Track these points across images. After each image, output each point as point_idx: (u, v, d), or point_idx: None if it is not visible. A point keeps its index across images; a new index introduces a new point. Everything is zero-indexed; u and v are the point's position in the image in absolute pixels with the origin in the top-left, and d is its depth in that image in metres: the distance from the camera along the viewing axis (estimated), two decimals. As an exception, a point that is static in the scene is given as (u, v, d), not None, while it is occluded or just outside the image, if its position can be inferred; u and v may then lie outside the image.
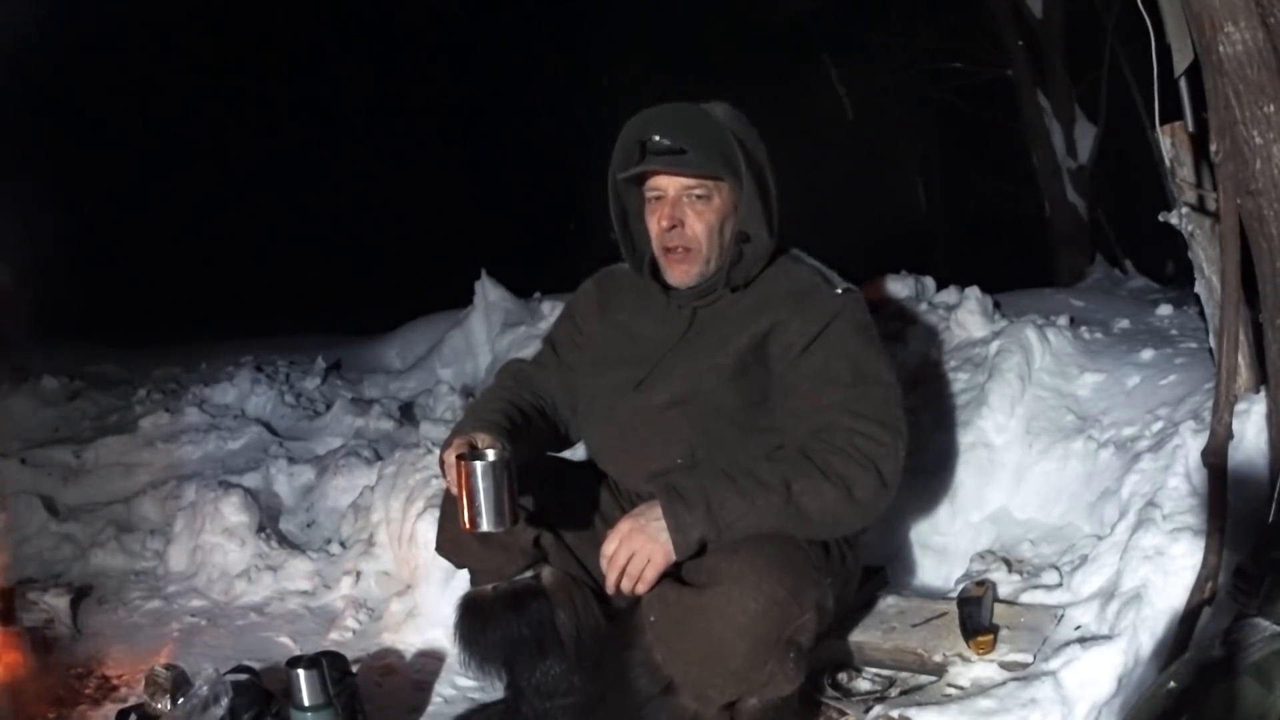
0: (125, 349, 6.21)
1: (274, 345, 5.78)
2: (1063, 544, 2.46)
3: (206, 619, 2.96)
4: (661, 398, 1.91)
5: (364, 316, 6.46)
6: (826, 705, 2.06)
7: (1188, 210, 2.24)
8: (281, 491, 3.68)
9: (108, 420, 4.59)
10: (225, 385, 4.61)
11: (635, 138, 1.88)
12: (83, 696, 2.49)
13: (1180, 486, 2.10)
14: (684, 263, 1.89)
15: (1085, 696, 1.85)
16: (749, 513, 1.66)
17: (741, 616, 1.59)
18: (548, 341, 2.17)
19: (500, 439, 1.78)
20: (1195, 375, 2.52)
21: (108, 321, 7.06)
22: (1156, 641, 1.90)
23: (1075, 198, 6.65)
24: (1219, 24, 1.89)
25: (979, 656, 2.04)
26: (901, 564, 2.64)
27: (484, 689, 2.31)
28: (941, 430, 2.77)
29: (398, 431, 4.04)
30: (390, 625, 2.71)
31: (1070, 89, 6.66)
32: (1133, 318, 3.23)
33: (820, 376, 1.83)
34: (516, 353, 3.79)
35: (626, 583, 1.64)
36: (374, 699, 2.34)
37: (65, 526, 3.60)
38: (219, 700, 2.01)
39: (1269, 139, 1.89)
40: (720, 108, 1.91)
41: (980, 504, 2.67)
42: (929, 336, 3.16)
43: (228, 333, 6.54)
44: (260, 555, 3.20)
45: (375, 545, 3.04)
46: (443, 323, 5.06)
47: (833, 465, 1.72)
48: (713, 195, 1.87)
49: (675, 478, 1.72)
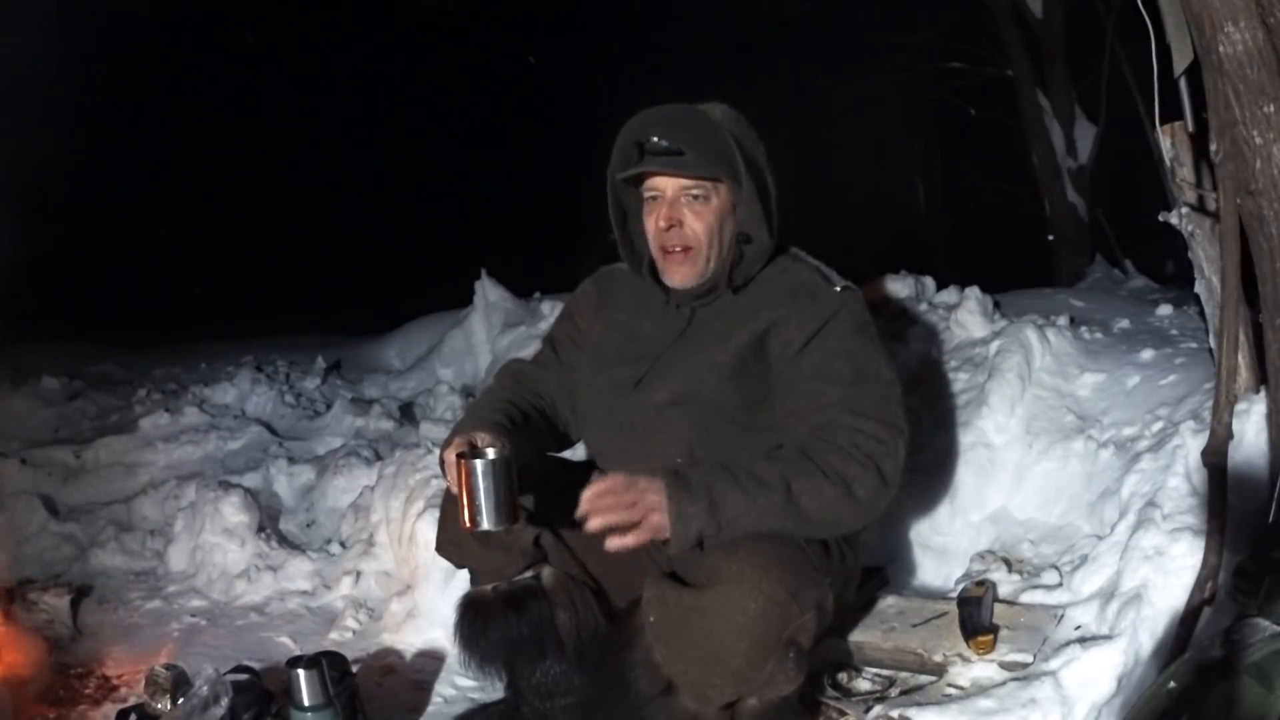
0: (125, 349, 6.22)
1: (274, 345, 5.78)
2: (1063, 544, 2.46)
3: (206, 619, 2.96)
4: (661, 397, 1.91)
5: (364, 316, 6.47)
6: (826, 705, 2.06)
7: (1188, 210, 2.24)
8: (281, 491, 3.68)
9: (108, 420, 4.60)
10: (225, 385, 4.62)
11: (633, 139, 1.88)
12: (83, 696, 2.49)
13: (1180, 486, 2.10)
14: (682, 263, 1.89)
15: (1085, 696, 1.85)
16: (750, 510, 1.66)
17: (741, 617, 1.59)
18: (547, 341, 2.17)
19: (500, 438, 1.78)
20: (1195, 375, 2.52)
21: (108, 321, 7.07)
22: (1156, 641, 1.90)
23: (1075, 198, 6.65)
24: (1219, 24, 1.89)
25: (979, 656, 2.04)
26: (901, 564, 2.64)
27: (484, 689, 2.31)
28: (941, 430, 2.77)
29: (398, 431, 4.04)
30: (390, 625, 2.71)
31: (1070, 89, 6.66)
32: (1133, 318, 3.22)
33: (819, 375, 1.83)
34: (516, 353, 3.79)
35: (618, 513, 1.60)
36: (374, 699, 2.34)
37: (65, 526, 3.60)
38: (219, 700, 2.01)
39: (1269, 139, 1.89)
40: (718, 108, 1.91)
41: (980, 504, 2.67)
42: (929, 336, 3.16)
43: (228, 333, 6.54)
44: (260, 555, 3.20)
45: (375, 545, 3.04)
46: (443, 323, 5.06)
47: (833, 464, 1.72)
48: (711, 196, 1.87)
49: (679, 468, 1.72)
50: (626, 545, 1.62)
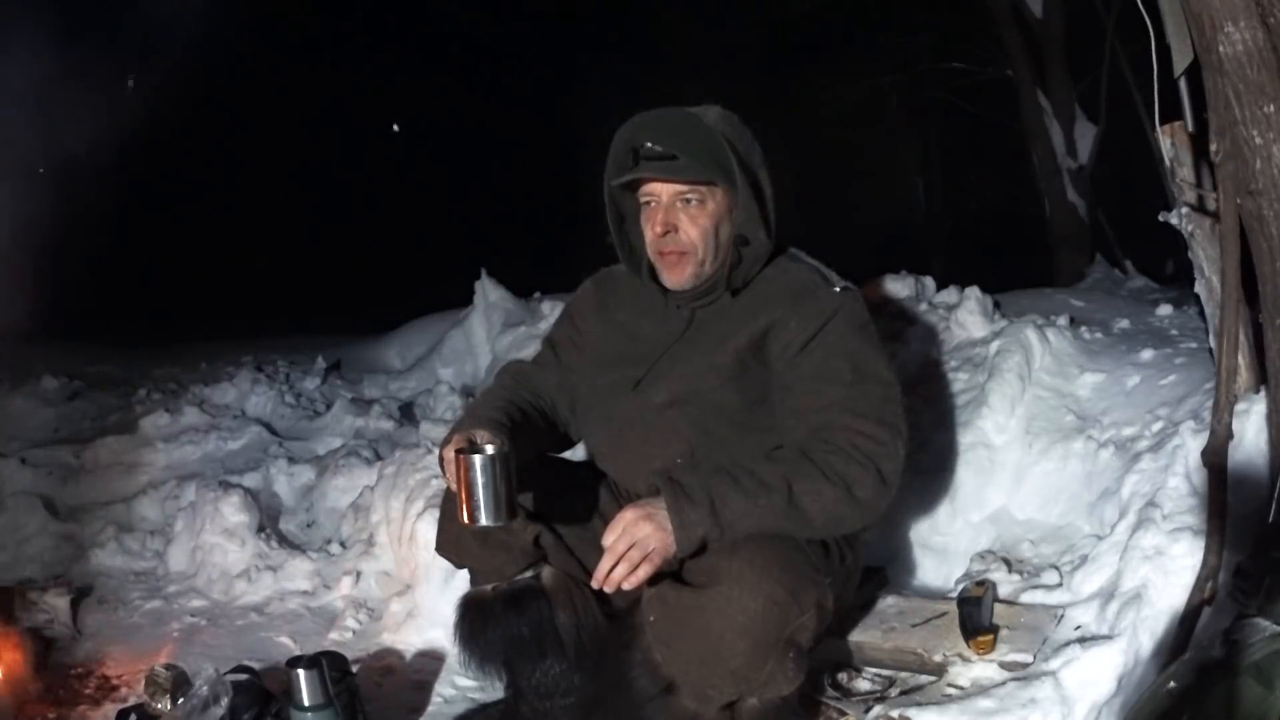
0: (125, 349, 6.22)
1: (274, 345, 5.79)
2: (1063, 544, 2.46)
3: (206, 619, 2.95)
4: (661, 397, 1.91)
5: (364, 316, 6.47)
6: (826, 705, 2.06)
7: (1188, 210, 2.24)
8: (281, 491, 3.68)
9: (108, 420, 4.60)
10: (225, 385, 4.62)
11: (627, 144, 1.88)
12: (83, 696, 2.49)
13: (1180, 486, 2.09)
14: (679, 267, 1.89)
15: (1085, 696, 1.85)
16: (751, 512, 1.66)
17: (741, 616, 1.59)
18: (547, 342, 2.17)
19: (499, 435, 1.78)
20: (1195, 375, 2.52)
21: (108, 321, 7.07)
22: (1156, 641, 1.90)
23: (1075, 198, 6.66)
24: (1219, 24, 1.89)
25: (979, 656, 2.04)
26: (901, 564, 2.64)
27: (484, 689, 2.31)
28: (941, 430, 2.77)
29: (398, 431, 4.04)
30: (390, 625, 2.71)
31: (1070, 89, 6.67)
32: (1133, 318, 3.23)
33: (819, 375, 1.83)
34: (516, 353, 3.80)
35: (623, 568, 1.60)
36: (374, 699, 2.33)
37: (65, 526, 3.60)
38: (219, 700, 2.01)
39: (1269, 139, 1.89)
40: (712, 111, 1.90)
41: (980, 504, 2.67)
42: (929, 336, 3.16)
43: (228, 333, 6.55)
44: (260, 555, 3.20)
45: (375, 545, 3.04)
46: (443, 323, 5.06)
47: (833, 465, 1.72)
48: (706, 200, 1.87)
49: (678, 473, 1.72)
50: (640, 580, 1.62)
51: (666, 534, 1.62)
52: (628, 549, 1.61)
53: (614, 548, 1.62)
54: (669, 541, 1.62)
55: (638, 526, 1.62)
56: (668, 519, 1.62)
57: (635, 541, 1.61)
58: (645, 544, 1.61)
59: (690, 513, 1.63)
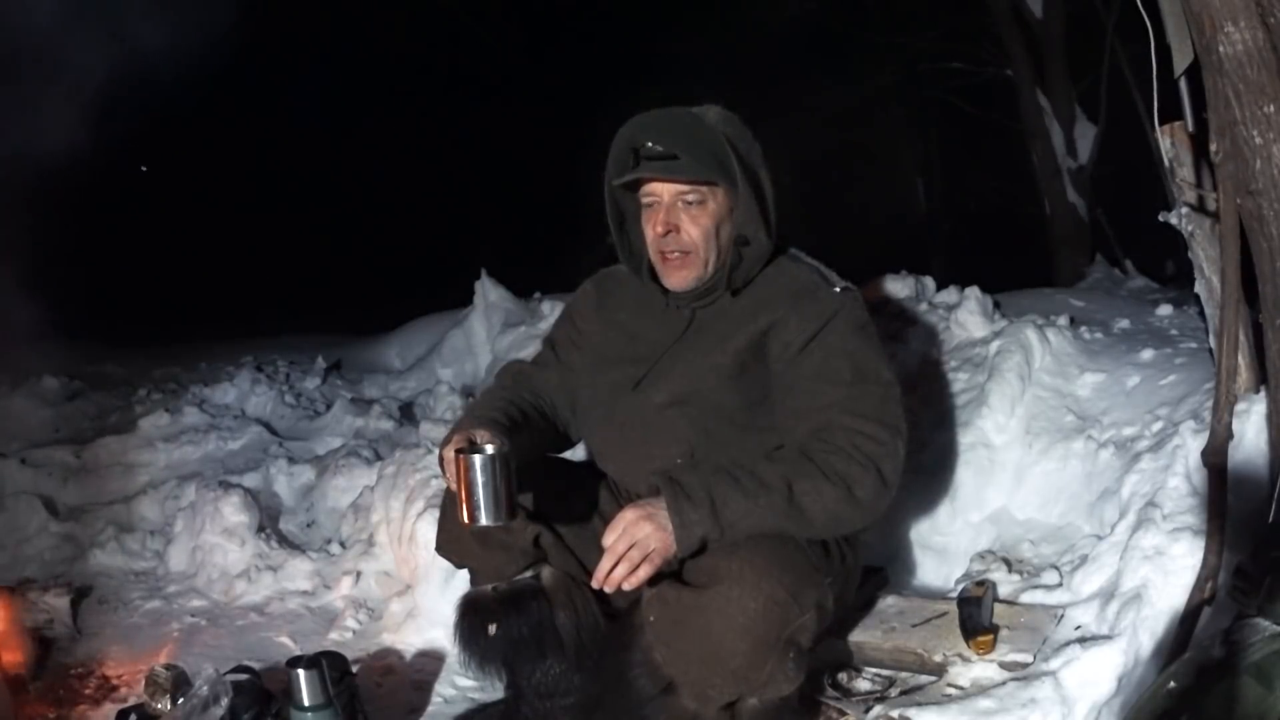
0: (125, 349, 6.22)
1: (274, 345, 5.78)
2: (1063, 544, 2.46)
3: (206, 619, 2.96)
4: (661, 397, 1.91)
5: (364, 316, 6.47)
6: (826, 705, 2.06)
7: (1188, 210, 2.24)
8: (281, 491, 3.68)
9: (108, 420, 4.59)
10: (225, 385, 4.62)
11: (628, 144, 1.88)
12: (83, 696, 2.49)
13: (1180, 486, 2.10)
14: (680, 268, 1.89)
15: (1085, 696, 1.85)
16: (752, 512, 1.66)
17: (741, 616, 1.59)
18: (547, 342, 2.17)
19: (499, 435, 1.78)
20: (1195, 375, 2.52)
21: (108, 321, 7.06)
22: (1156, 641, 1.90)
23: (1075, 198, 6.66)
24: (1219, 24, 1.89)
25: (979, 656, 2.04)
26: (901, 564, 2.64)
27: (484, 689, 2.31)
28: (941, 430, 2.77)
29: (398, 431, 4.04)
30: (390, 625, 2.71)
31: (1070, 89, 6.66)
32: (1133, 318, 3.22)
33: (819, 375, 1.83)
34: (516, 353, 3.80)
35: (624, 568, 1.60)
36: (374, 699, 2.34)
37: (65, 526, 3.60)
38: (219, 700, 2.01)
39: (1269, 139, 1.89)
40: (713, 111, 1.90)
41: (980, 504, 2.67)
42: (929, 336, 3.16)
43: (228, 333, 6.55)
44: (260, 555, 3.20)
45: (375, 545, 3.04)
46: (443, 323, 5.06)
47: (833, 465, 1.72)
48: (707, 200, 1.87)
49: (678, 473, 1.72)
50: (640, 580, 1.62)
51: (667, 534, 1.62)
52: (628, 549, 1.61)
53: (614, 548, 1.62)
54: (669, 541, 1.62)
55: (638, 526, 1.62)
56: (668, 519, 1.62)
57: (635, 541, 1.61)
58: (645, 544, 1.61)
59: (690, 513, 1.63)
